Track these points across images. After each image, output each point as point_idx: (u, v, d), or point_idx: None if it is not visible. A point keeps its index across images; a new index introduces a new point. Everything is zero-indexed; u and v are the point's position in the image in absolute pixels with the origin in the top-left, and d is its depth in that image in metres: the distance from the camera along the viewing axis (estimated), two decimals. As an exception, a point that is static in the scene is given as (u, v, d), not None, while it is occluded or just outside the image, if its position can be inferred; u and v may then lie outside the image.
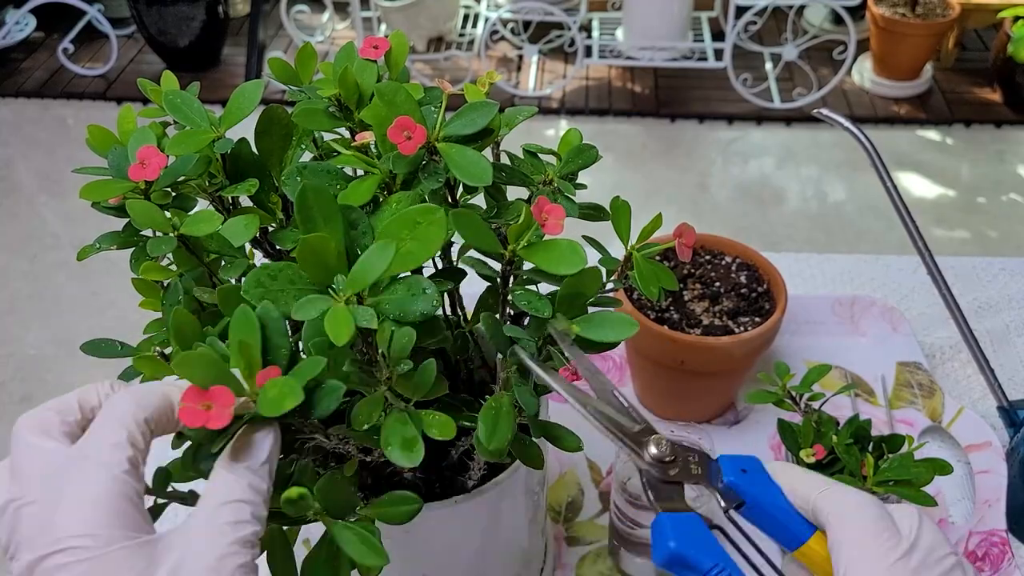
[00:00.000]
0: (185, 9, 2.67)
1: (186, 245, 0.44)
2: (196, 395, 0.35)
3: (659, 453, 0.41)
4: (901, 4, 2.52)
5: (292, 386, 0.35)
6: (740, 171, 2.42)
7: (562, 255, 0.41)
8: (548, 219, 0.41)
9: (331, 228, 0.38)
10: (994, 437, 0.75)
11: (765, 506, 0.40)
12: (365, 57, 0.46)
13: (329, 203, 0.38)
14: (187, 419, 0.35)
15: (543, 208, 0.41)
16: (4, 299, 2.07)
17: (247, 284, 0.38)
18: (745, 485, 0.40)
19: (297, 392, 0.35)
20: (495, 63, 2.79)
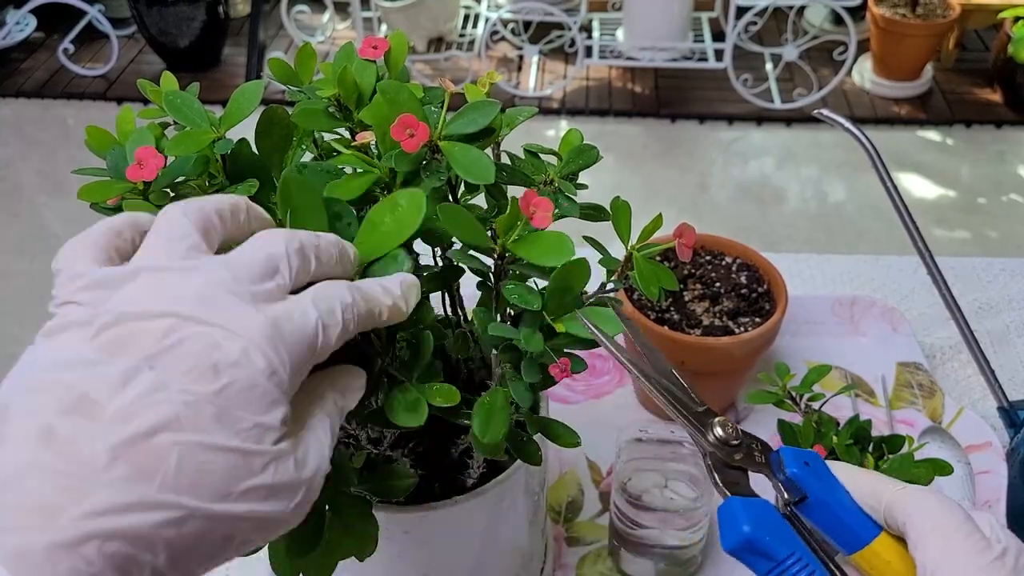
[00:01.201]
0: (185, 9, 2.67)
1: None
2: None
3: (725, 435, 0.39)
4: (901, 4, 2.52)
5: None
6: (740, 171, 2.42)
7: (549, 247, 0.40)
8: (536, 212, 0.41)
9: (315, 219, 0.38)
10: (994, 437, 0.75)
11: (829, 502, 0.37)
12: (364, 57, 0.46)
13: (312, 195, 0.38)
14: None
15: (531, 201, 0.41)
16: (4, 299, 2.07)
17: None
18: (808, 479, 0.38)
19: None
20: (495, 63, 2.79)
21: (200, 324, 0.30)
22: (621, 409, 0.83)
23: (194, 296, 0.31)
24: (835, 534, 0.38)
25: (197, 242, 0.34)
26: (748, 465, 0.39)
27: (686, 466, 0.68)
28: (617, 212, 0.48)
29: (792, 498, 0.38)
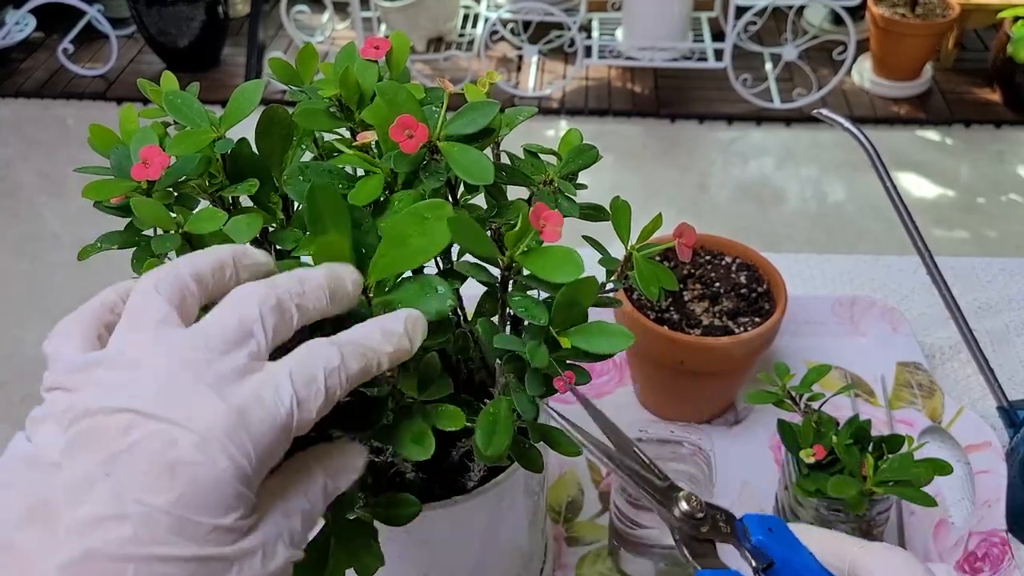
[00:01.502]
0: (185, 9, 2.67)
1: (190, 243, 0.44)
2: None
3: (690, 509, 0.40)
4: (901, 4, 2.52)
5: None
6: (740, 171, 2.42)
7: (558, 263, 0.40)
8: (546, 226, 0.41)
9: (339, 228, 0.38)
10: (994, 437, 0.75)
11: (796, 566, 0.39)
12: (366, 57, 0.46)
13: (337, 203, 0.38)
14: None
15: (541, 214, 0.41)
16: (4, 299, 2.07)
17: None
18: (773, 544, 0.39)
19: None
20: (495, 63, 2.79)
21: (158, 421, 0.29)
22: (621, 409, 0.83)
23: (155, 387, 0.30)
24: None
25: (168, 316, 0.32)
26: (715, 536, 0.40)
27: (686, 466, 0.68)
28: (617, 212, 0.48)
29: (760, 565, 0.39)
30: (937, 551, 0.70)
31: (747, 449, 0.79)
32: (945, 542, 0.70)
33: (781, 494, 0.69)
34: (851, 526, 0.64)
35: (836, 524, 0.64)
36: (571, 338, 0.41)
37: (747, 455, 0.78)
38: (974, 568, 0.66)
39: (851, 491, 0.60)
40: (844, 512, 0.63)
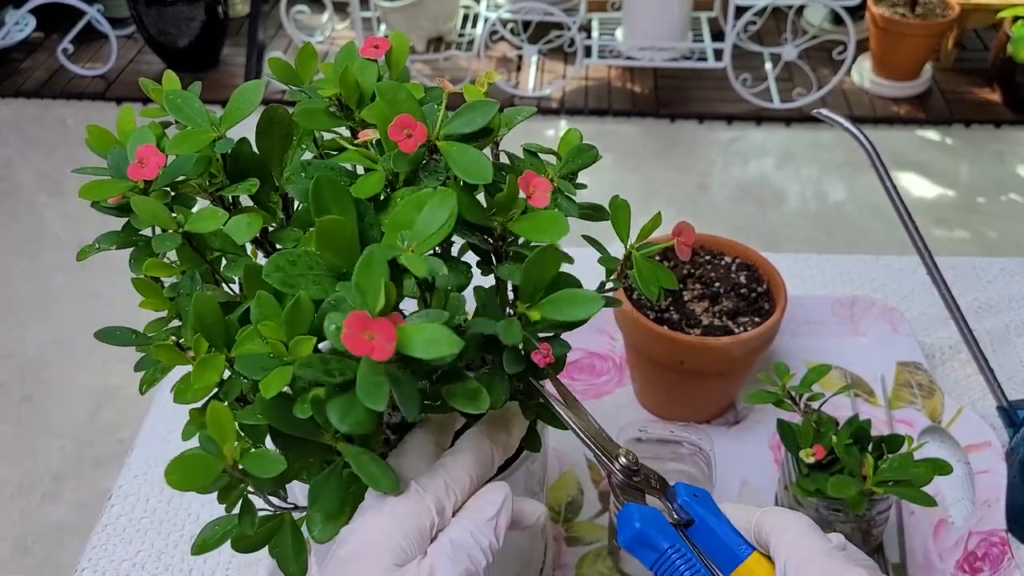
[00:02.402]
0: (185, 9, 2.67)
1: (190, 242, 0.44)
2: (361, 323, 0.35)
3: (627, 462, 0.47)
4: (901, 4, 2.52)
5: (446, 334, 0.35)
6: (740, 171, 2.42)
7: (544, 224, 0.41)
8: (535, 192, 0.41)
9: (346, 217, 0.39)
10: (994, 437, 0.75)
11: (711, 526, 0.45)
12: (366, 57, 0.46)
13: (343, 193, 0.39)
14: (352, 346, 0.34)
15: (531, 181, 0.41)
16: (4, 299, 2.07)
17: (268, 268, 0.38)
18: (695, 507, 0.46)
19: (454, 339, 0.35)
20: (495, 63, 2.79)
21: None
22: (621, 409, 0.83)
23: None
24: (716, 554, 0.45)
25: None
26: (645, 488, 0.47)
27: (685, 466, 0.68)
28: (616, 211, 0.48)
29: (680, 520, 0.46)
30: (937, 551, 0.70)
31: (747, 449, 0.79)
32: (945, 542, 0.70)
33: (781, 494, 0.69)
34: (851, 526, 0.64)
35: (836, 524, 0.64)
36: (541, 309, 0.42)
37: (747, 455, 0.78)
38: (974, 568, 0.66)
39: (851, 491, 0.60)
40: (844, 512, 0.63)
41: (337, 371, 0.36)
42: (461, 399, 0.41)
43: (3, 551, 1.56)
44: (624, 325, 0.77)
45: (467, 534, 0.40)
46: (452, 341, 0.35)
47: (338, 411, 0.36)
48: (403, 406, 0.37)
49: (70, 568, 0.73)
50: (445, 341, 0.35)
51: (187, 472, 0.40)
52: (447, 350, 0.35)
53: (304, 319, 0.38)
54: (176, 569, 0.72)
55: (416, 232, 0.39)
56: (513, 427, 0.46)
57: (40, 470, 1.68)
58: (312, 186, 0.38)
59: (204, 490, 0.41)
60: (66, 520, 1.60)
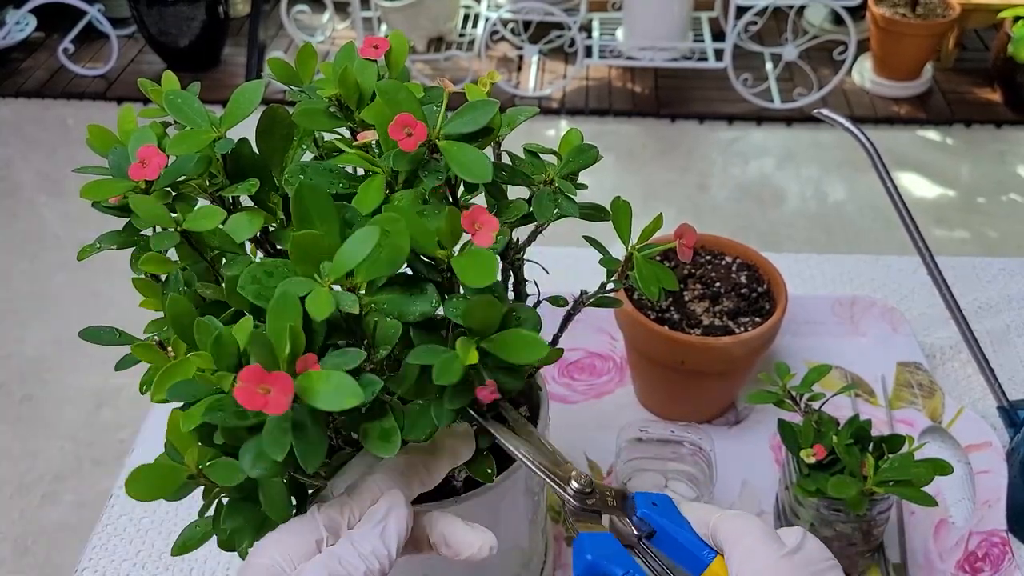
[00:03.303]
0: (185, 9, 2.67)
1: (189, 241, 0.44)
2: (257, 376, 0.34)
3: (580, 487, 0.46)
4: (901, 4, 2.52)
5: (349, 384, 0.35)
6: (740, 171, 2.42)
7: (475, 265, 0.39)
8: (481, 229, 0.40)
9: (327, 226, 0.38)
10: (994, 437, 0.75)
11: (674, 535, 0.45)
12: (365, 57, 0.46)
13: (324, 201, 0.38)
14: (245, 400, 0.34)
15: (477, 218, 0.40)
16: (4, 299, 2.07)
17: (243, 280, 0.38)
18: (656, 517, 0.45)
19: (357, 391, 0.35)
20: (495, 63, 2.79)
21: None
22: (621, 409, 0.83)
23: None
24: (682, 560, 0.45)
25: None
26: (602, 508, 0.46)
27: (686, 466, 0.68)
28: (617, 212, 0.48)
29: (643, 532, 0.46)
30: (937, 551, 0.70)
31: (747, 449, 0.79)
32: (945, 542, 0.70)
33: (781, 494, 0.69)
34: (852, 526, 0.64)
35: (836, 523, 0.64)
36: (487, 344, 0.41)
37: (747, 455, 0.78)
38: (975, 568, 0.66)
39: (851, 491, 0.60)
40: (844, 512, 0.63)
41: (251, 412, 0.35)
42: (373, 439, 0.40)
43: (3, 551, 1.56)
44: (625, 325, 0.77)
45: (346, 542, 0.40)
46: (355, 392, 0.35)
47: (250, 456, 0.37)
48: (301, 458, 0.37)
49: (70, 568, 0.73)
50: (348, 392, 0.35)
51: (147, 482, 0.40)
52: (350, 402, 0.35)
53: (227, 351, 0.37)
54: (176, 569, 0.72)
55: (336, 264, 0.37)
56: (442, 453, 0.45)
57: (40, 470, 1.68)
58: (294, 195, 0.38)
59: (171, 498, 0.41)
60: (66, 520, 1.60)
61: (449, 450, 0.46)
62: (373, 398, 0.38)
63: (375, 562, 0.40)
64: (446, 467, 0.46)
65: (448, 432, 0.46)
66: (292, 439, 0.36)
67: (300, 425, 0.36)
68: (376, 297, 0.39)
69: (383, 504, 0.42)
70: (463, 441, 0.46)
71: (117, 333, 0.47)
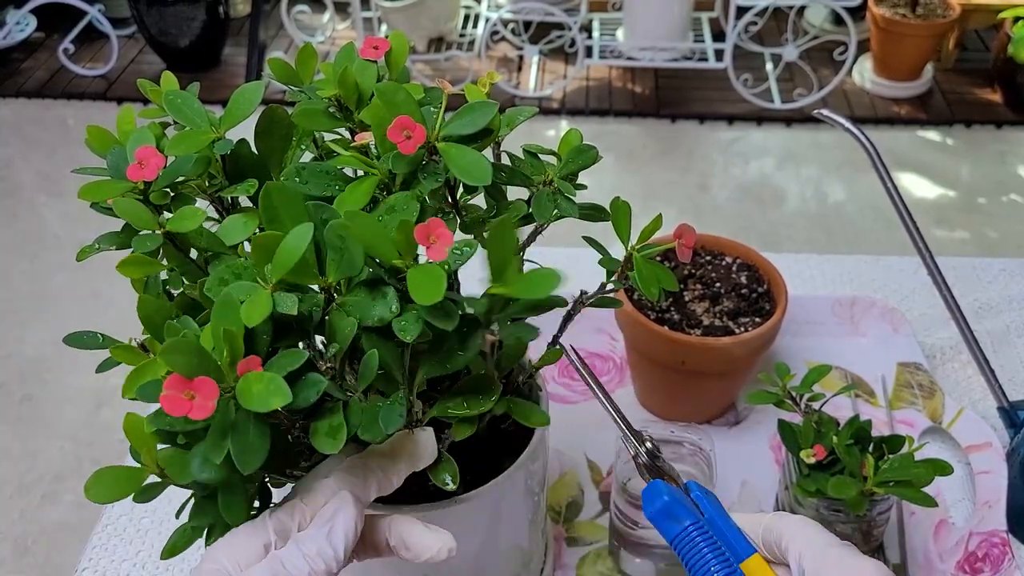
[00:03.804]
0: (185, 9, 2.67)
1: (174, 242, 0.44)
2: (180, 383, 0.35)
3: (653, 447, 0.51)
4: (901, 5, 2.52)
5: (279, 384, 0.35)
6: (740, 172, 2.42)
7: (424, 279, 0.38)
8: (436, 243, 0.38)
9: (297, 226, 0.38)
10: (994, 438, 0.75)
11: (719, 522, 0.46)
12: (365, 57, 0.46)
13: (294, 202, 0.38)
14: (169, 407, 0.34)
15: (433, 231, 0.39)
16: (4, 299, 2.07)
17: (210, 280, 0.38)
18: (706, 503, 0.47)
19: (284, 391, 0.35)
20: (495, 63, 2.79)
21: None
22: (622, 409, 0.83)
23: None
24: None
25: None
26: (667, 472, 0.50)
27: (686, 466, 0.68)
28: (617, 212, 0.48)
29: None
30: (937, 551, 0.70)
31: (747, 449, 0.79)
32: (945, 542, 0.70)
33: (781, 494, 0.69)
34: (851, 526, 0.64)
35: (836, 524, 0.64)
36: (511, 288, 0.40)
37: (747, 455, 0.78)
38: (974, 568, 0.66)
39: (851, 491, 0.60)
40: (844, 512, 0.63)
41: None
42: (320, 436, 0.40)
43: (3, 551, 1.56)
44: (625, 326, 0.77)
45: (293, 544, 0.40)
46: (283, 393, 0.35)
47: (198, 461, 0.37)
48: (237, 460, 0.37)
49: (70, 568, 0.73)
50: (277, 392, 0.35)
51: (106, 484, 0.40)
52: (277, 402, 0.35)
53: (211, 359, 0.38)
54: (176, 569, 0.71)
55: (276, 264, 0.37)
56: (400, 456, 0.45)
57: (40, 470, 1.68)
58: (261, 196, 0.38)
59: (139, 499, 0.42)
60: (66, 520, 1.60)
61: (408, 454, 0.45)
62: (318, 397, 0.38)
63: (320, 563, 0.39)
64: (405, 471, 0.45)
65: (407, 436, 0.45)
66: (229, 442, 0.36)
67: (240, 428, 0.37)
68: (345, 298, 0.39)
69: (331, 506, 0.41)
70: (423, 446, 0.46)
71: (100, 337, 0.47)
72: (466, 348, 0.43)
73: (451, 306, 0.39)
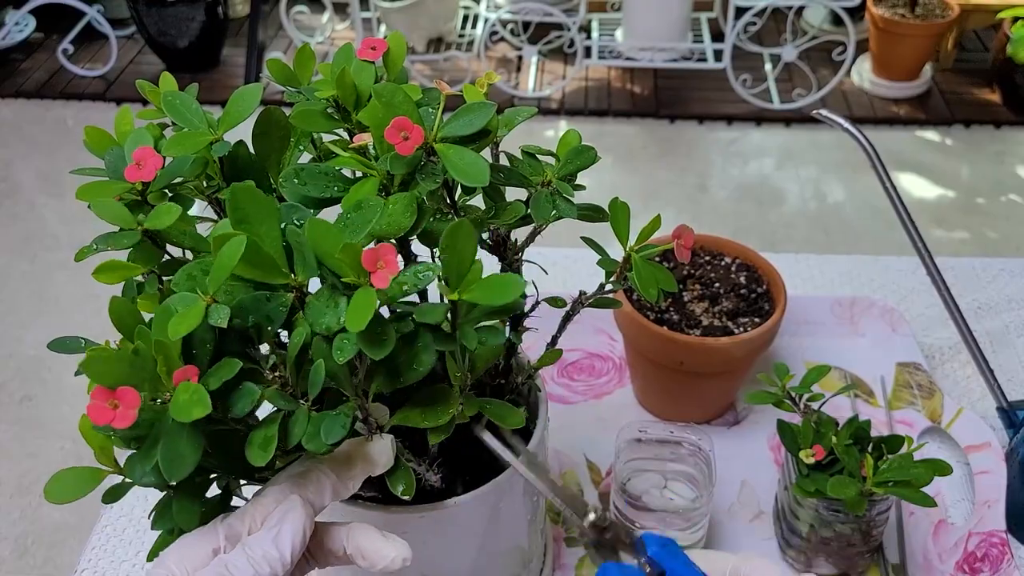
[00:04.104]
0: (185, 10, 2.67)
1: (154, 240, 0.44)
2: (105, 393, 0.36)
3: (597, 520, 0.49)
4: (900, 5, 2.52)
5: (202, 395, 0.36)
6: (739, 172, 2.42)
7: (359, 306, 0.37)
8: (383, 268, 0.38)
9: (265, 227, 0.38)
10: (993, 438, 0.75)
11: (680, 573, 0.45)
12: (363, 58, 0.46)
13: (262, 203, 0.38)
14: (94, 416, 0.35)
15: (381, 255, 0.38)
16: (4, 299, 2.07)
17: (178, 277, 0.39)
18: (666, 557, 0.46)
19: (205, 402, 0.36)
20: (494, 64, 2.79)
21: None
22: (621, 409, 0.83)
23: None
24: None
25: None
26: (617, 544, 0.48)
27: (685, 466, 0.68)
28: (616, 213, 0.48)
29: (653, 572, 0.46)
30: (937, 551, 0.70)
31: (747, 449, 0.79)
32: (945, 542, 0.70)
33: (781, 494, 0.69)
34: (851, 526, 0.64)
35: (835, 524, 0.64)
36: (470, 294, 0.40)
37: (747, 455, 0.78)
38: (974, 568, 0.66)
39: (851, 491, 0.60)
40: (844, 512, 0.63)
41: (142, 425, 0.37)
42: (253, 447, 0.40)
43: (3, 551, 1.56)
44: (624, 326, 0.77)
45: (239, 548, 0.40)
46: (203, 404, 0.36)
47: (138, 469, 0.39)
48: (164, 468, 0.37)
49: (70, 568, 0.73)
50: (199, 404, 0.36)
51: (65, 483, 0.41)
52: (199, 412, 0.36)
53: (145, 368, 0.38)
54: (175, 570, 0.71)
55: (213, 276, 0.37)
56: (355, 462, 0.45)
57: (40, 470, 1.68)
58: (228, 196, 0.38)
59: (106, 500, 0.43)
60: (66, 520, 1.60)
61: (363, 459, 0.45)
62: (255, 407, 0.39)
63: (265, 566, 0.40)
64: (360, 476, 0.45)
65: (363, 442, 0.46)
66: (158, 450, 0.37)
67: (171, 437, 0.37)
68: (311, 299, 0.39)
69: (279, 510, 0.42)
70: (380, 451, 0.46)
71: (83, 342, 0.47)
72: (420, 363, 0.42)
73: (388, 332, 0.39)
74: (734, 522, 0.73)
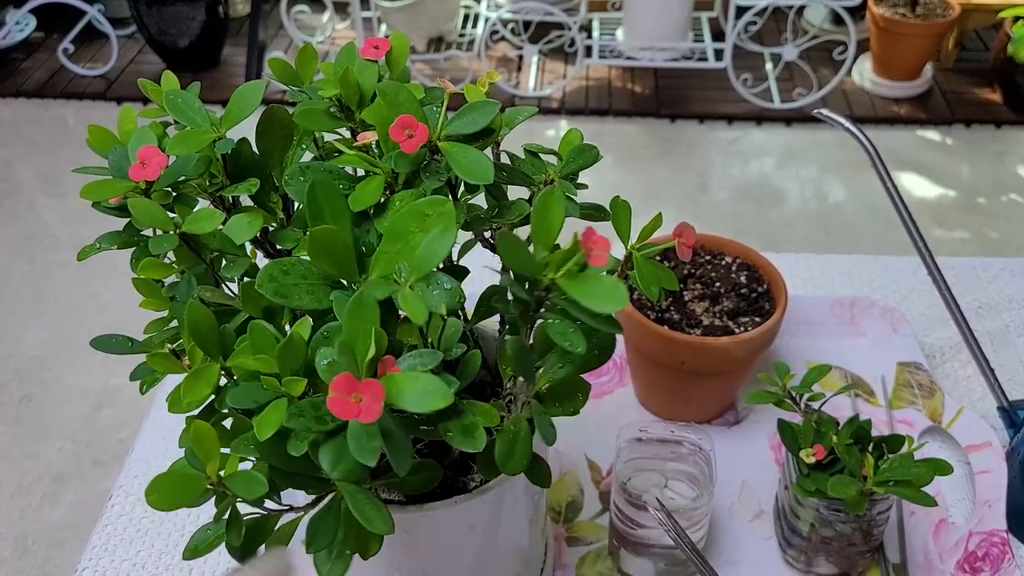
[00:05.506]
0: (185, 9, 2.67)
1: (188, 243, 0.44)
2: (348, 385, 0.34)
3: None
4: (901, 4, 2.52)
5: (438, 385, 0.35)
6: (740, 171, 2.42)
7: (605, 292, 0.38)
8: (594, 249, 0.39)
9: (340, 223, 0.38)
10: (994, 437, 0.75)
11: None
12: (366, 57, 0.46)
13: (337, 199, 0.39)
14: (338, 410, 0.33)
15: (590, 238, 0.39)
16: (4, 299, 2.07)
17: (260, 278, 0.38)
18: None
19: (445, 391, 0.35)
20: (495, 63, 2.79)
21: None
22: (622, 409, 0.83)
23: None
24: None
25: None
26: None
27: (686, 466, 0.68)
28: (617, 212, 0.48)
29: None
30: (937, 551, 0.70)
31: (747, 449, 0.79)
32: (945, 542, 0.70)
33: (781, 494, 0.69)
34: (851, 526, 0.64)
35: (836, 523, 0.64)
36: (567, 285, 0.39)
37: (747, 455, 0.78)
38: (974, 568, 0.66)
39: (851, 491, 0.60)
40: (844, 512, 0.63)
41: (329, 417, 0.35)
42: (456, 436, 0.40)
43: (3, 551, 1.56)
44: (624, 325, 0.77)
45: None
46: (443, 394, 0.35)
47: (330, 458, 0.37)
48: (394, 462, 0.37)
49: (70, 568, 0.73)
50: (438, 393, 0.35)
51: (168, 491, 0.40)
52: (440, 402, 0.34)
53: (297, 355, 0.38)
54: (176, 569, 0.72)
55: (416, 264, 0.38)
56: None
57: (40, 470, 1.68)
58: (307, 192, 0.38)
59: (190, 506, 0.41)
60: (66, 520, 1.60)
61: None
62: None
63: None
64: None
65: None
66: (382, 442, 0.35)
67: (387, 429, 0.36)
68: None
69: None
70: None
71: (130, 342, 0.47)
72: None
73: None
74: (734, 522, 0.73)
